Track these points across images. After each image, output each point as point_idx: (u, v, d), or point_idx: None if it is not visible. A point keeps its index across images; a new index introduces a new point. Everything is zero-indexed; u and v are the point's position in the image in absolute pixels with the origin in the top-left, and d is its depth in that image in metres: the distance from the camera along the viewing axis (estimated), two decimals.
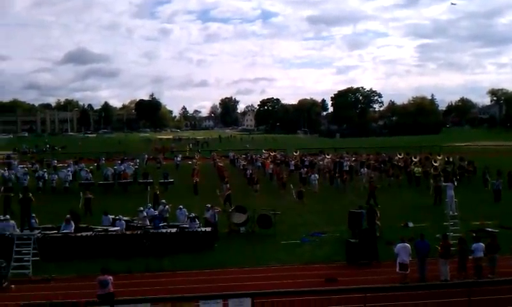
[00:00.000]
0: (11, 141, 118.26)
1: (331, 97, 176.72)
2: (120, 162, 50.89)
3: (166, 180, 39.84)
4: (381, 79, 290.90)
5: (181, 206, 24.43)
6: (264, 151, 65.84)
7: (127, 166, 46.00)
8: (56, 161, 56.04)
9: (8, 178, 39.97)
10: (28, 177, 40.52)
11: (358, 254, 18.60)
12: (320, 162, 49.24)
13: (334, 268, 18.03)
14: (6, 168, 46.35)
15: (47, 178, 40.27)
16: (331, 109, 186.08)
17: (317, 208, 29.67)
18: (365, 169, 41.42)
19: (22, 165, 50.95)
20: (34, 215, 22.75)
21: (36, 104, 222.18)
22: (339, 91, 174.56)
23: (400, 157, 50.88)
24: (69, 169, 44.30)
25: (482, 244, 16.44)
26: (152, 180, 39.46)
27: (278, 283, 16.19)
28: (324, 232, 23.50)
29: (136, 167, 47.99)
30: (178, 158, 58.16)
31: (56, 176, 40.94)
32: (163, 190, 35.23)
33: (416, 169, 40.11)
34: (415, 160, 46.75)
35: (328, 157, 53.12)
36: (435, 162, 43.97)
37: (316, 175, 38.31)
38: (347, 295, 13.33)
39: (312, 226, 24.89)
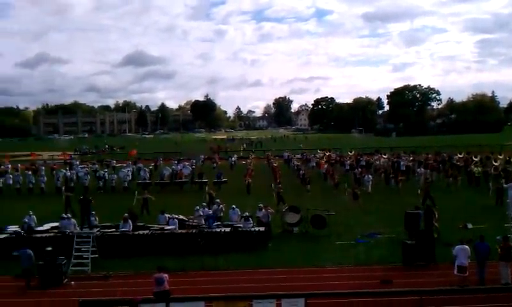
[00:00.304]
0: (72, 142, 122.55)
1: (387, 95, 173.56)
2: (176, 162, 51.88)
3: (219, 180, 40.27)
4: (439, 76, 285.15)
5: (234, 206, 24.62)
6: (319, 151, 65.28)
7: (185, 166, 46.70)
8: (115, 161, 57.70)
9: (69, 177, 41.44)
10: (89, 177, 41.94)
11: (415, 255, 18.19)
12: (377, 162, 48.40)
13: (390, 270, 17.69)
14: (67, 168, 48.16)
15: (107, 178, 41.50)
16: (387, 108, 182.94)
17: (372, 209, 29.17)
18: (422, 168, 40.40)
19: (82, 166, 52.72)
20: (94, 213, 23.49)
21: (96, 106, 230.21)
22: (395, 89, 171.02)
23: (461, 156, 49.29)
24: (128, 169, 45.43)
25: None
26: (206, 180, 40.05)
27: (332, 283, 16.06)
28: (380, 233, 23.10)
29: (193, 167, 48.57)
30: (233, 158, 58.62)
31: (116, 176, 42.23)
32: (216, 190, 35.60)
33: (476, 169, 38.77)
34: (475, 159, 45.23)
35: (384, 156, 52.14)
36: (496, 161, 42.46)
37: (370, 176, 37.58)
38: (402, 297, 13.03)
39: (367, 226, 24.48)
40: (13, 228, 22.08)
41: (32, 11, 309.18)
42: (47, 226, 22.60)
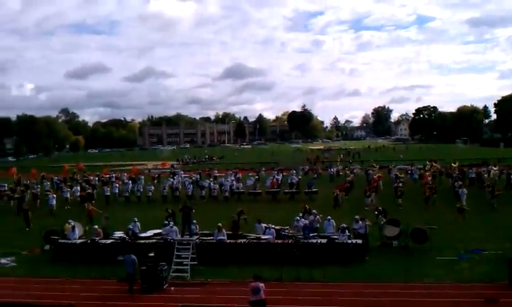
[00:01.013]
0: (175, 152, 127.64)
1: (494, 103, 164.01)
2: (276, 172, 52.22)
3: (309, 190, 40.07)
4: None
5: (329, 217, 24.35)
6: (427, 162, 61.82)
7: (291, 177, 46.34)
8: (216, 171, 59.19)
9: (175, 186, 42.86)
10: (192, 186, 43.24)
11: None
12: (485, 175, 45.30)
13: (495, 289, 16.63)
14: (173, 177, 50.18)
15: (212, 187, 42.14)
16: (494, 117, 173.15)
17: (477, 224, 27.61)
18: None
19: (185, 175, 54.64)
20: (195, 221, 24.26)
21: (197, 118, 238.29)
22: (503, 97, 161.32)
23: None
24: (231, 178, 46.36)
25: None
26: (298, 190, 40.07)
27: (432, 300, 15.44)
28: (485, 249, 21.84)
29: (299, 177, 48.21)
30: (333, 169, 57.68)
31: (217, 185, 43.10)
32: (307, 200, 35.40)
33: None
34: None
35: (494, 168, 48.73)
36: None
37: (465, 190, 34.28)
38: None
39: (471, 242, 23.22)
40: (119, 234, 23.39)
41: (139, 28, 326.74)
42: (150, 233, 23.66)
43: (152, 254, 18.51)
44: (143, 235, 23.39)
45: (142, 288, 17.65)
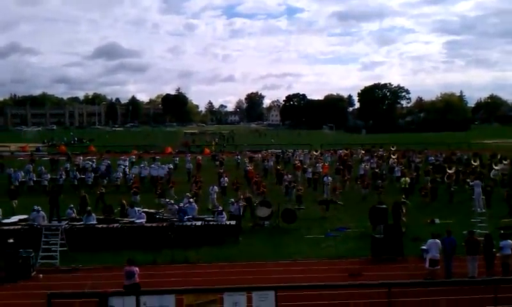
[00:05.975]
0: (41, 134, 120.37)
1: (358, 93, 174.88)
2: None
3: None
4: (407, 76, 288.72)
5: (191, 200, 24.82)
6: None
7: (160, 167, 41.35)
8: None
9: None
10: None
11: (383, 249, 18.50)
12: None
13: (358, 263, 17.96)
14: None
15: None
16: (357, 105, 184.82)
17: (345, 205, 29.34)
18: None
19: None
20: (72, 205, 23.30)
21: (65, 98, 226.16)
22: (366, 87, 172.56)
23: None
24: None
25: (510, 241, 16.18)
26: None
27: (302, 276, 16.21)
28: (349, 227, 23.43)
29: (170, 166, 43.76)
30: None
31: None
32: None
33: (403, 179, 32.89)
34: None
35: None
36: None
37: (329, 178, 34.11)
38: (370, 290, 13.24)
39: (337, 221, 24.81)
40: None
41: (1, 0, 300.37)
42: (15, 219, 22.23)
43: (11, 241, 17.39)
44: (6, 221, 21.87)
45: (7, 277, 16.59)
